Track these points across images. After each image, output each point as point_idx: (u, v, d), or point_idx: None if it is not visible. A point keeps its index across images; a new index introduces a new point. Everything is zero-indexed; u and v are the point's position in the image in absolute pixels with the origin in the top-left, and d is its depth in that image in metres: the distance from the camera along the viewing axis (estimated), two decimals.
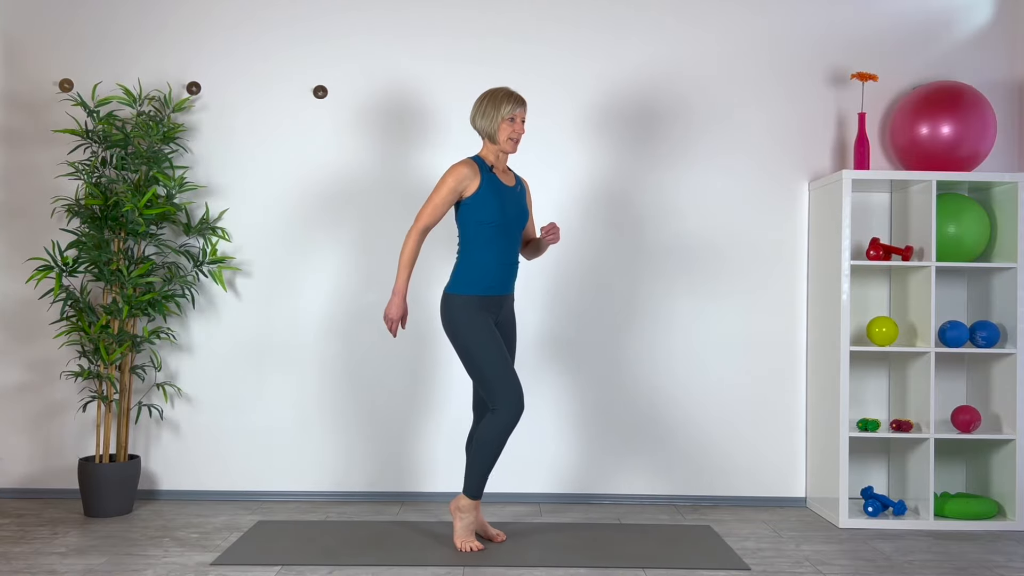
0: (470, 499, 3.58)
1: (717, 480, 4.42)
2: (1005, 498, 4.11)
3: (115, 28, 4.43)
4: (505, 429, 3.49)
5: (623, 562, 3.46)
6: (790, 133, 4.45)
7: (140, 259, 4.20)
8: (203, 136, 4.43)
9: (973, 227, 4.12)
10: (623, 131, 4.44)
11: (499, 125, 3.57)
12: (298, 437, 4.41)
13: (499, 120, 3.57)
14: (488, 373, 3.49)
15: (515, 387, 3.49)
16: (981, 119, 4.16)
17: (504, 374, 3.48)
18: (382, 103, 4.43)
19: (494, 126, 3.58)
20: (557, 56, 4.43)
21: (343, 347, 4.41)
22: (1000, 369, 4.17)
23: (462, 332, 3.52)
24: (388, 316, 3.54)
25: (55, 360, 4.40)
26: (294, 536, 3.76)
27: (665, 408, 4.42)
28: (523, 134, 3.78)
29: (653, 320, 4.42)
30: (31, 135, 4.41)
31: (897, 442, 4.34)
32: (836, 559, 3.57)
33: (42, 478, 4.40)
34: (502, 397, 3.48)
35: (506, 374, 3.49)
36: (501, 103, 3.57)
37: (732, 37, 4.45)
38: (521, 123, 3.60)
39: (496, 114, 3.57)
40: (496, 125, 3.58)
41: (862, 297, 4.43)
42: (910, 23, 4.47)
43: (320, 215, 4.42)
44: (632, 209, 4.43)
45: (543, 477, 4.42)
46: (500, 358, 3.49)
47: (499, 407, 3.48)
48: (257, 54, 4.43)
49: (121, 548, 3.60)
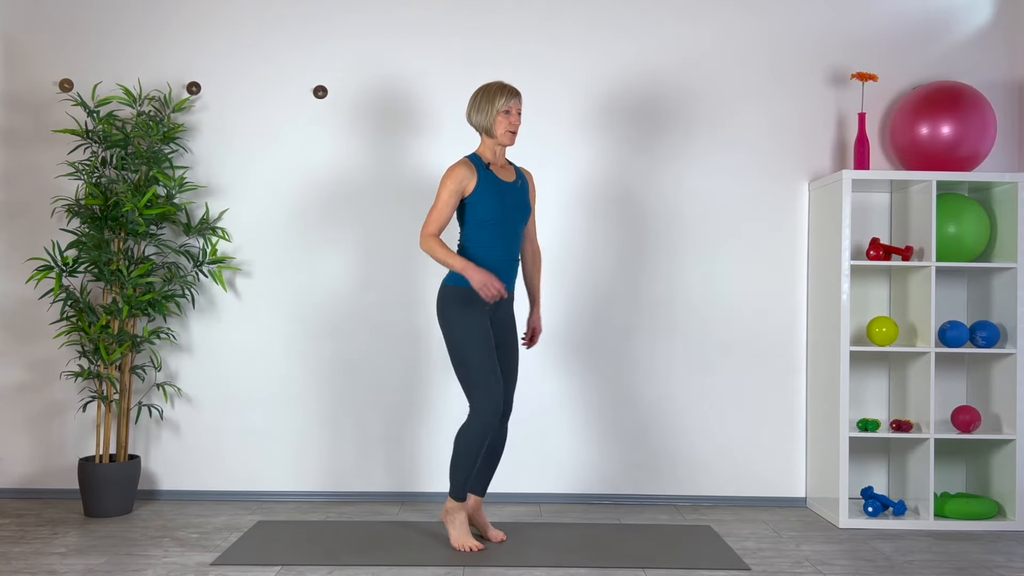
0: (454, 500, 3.58)
1: (717, 480, 4.42)
2: (1005, 498, 4.11)
3: (115, 28, 4.43)
4: (482, 433, 3.48)
5: (623, 562, 3.46)
6: (790, 133, 4.45)
7: (140, 259, 4.20)
8: (203, 136, 4.43)
9: (973, 227, 4.12)
10: (623, 131, 4.44)
11: (495, 119, 3.56)
12: (298, 437, 4.41)
13: (494, 113, 3.56)
14: (471, 372, 3.47)
15: (495, 391, 3.47)
16: (981, 119, 4.16)
17: (487, 377, 3.47)
18: (382, 103, 4.43)
19: (490, 120, 3.57)
20: (557, 57, 4.43)
21: (343, 347, 4.41)
22: (1000, 369, 4.17)
23: (454, 325, 3.50)
24: (481, 286, 3.38)
25: (55, 360, 4.40)
26: (294, 536, 3.76)
27: (665, 408, 4.42)
28: (520, 125, 3.74)
29: (653, 320, 4.42)
30: (31, 135, 4.41)
31: (897, 442, 4.34)
32: (836, 559, 3.57)
33: (42, 478, 4.40)
34: (480, 399, 3.47)
35: (488, 377, 3.47)
36: (495, 96, 3.56)
37: (732, 37, 4.45)
38: (517, 115, 3.59)
39: (491, 108, 3.56)
40: (492, 119, 3.57)
41: (862, 297, 4.43)
42: (910, 23, 4.47)
43: (320, 215, 4.42)
44: (632, 209, 4.43)
45: (543, 477, 4.42)
46: (487, 360, 3.47)
47: (475, 409, 3.48)
48: (257, 54, 4.43)
49: (121, 548, 3.60)
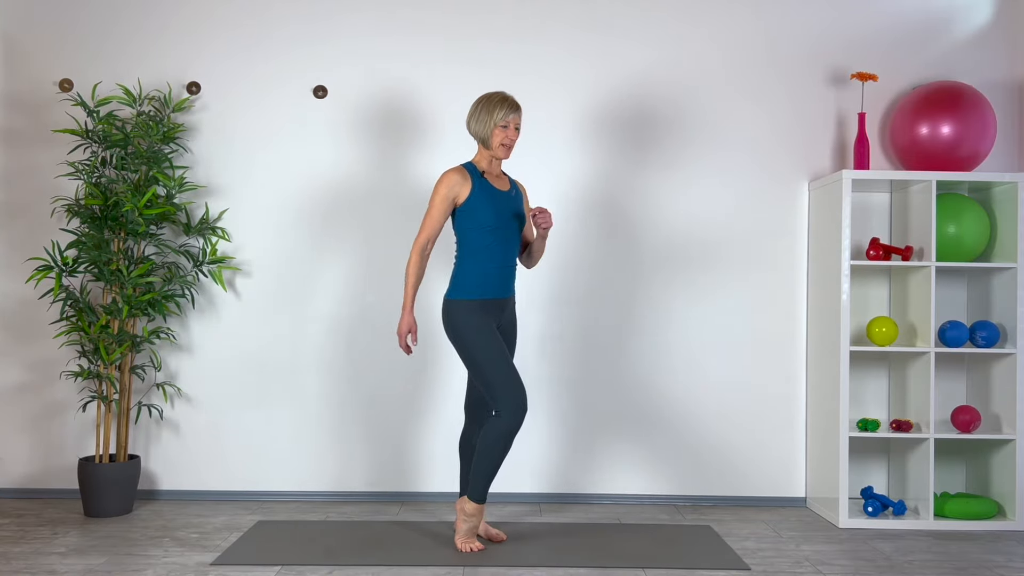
0: (475, 503, 3.56)
1: (717, 480, 4.42)
2: (1005, 498, 4.11)
3: (115, 28, 4.43)
4: (509, 432, 3.48)
5: (623, 562, 3.46)
6: (790, 133, 4.45)
7: (140, 259, 4.20)
8: (203, 136, 4.43)
9: (973, 227, 4.12)
10: (622, 132, 4.44)
11: (492, 131, 3.56)
12: (298, 437, 4.41)
13: (492, 126, 3.56)
14: (491, 377, 3.48)
15: (518, 390, 3.48)
16: (981, 119, 4.16)
17: (507, 377, 3.48)
18: (382, 104, 4.43)
19: (487, 131, 3.57)
20: (557, 57, 4.43)
21: (343, 347, 4.41)
22: (1000, 369, 4.17)
23: (464, 337, 3.52)
24: (398, 332, 3.58)
25: (55, 360, 4.40)
26: (294, 536, 3.76)
27: (665, 408, 4.42)
28: (516, 140, 3.72)
29: (653, 320, 4.42)
30: (31, 135, 4.41)
31: (897, 442, 4.34)
32: (836, 559, 3.57)
33: (42, 478, 4.40)
34: (505, 400, 3.47)
35: (509, 377, 3.48)
36: (495, 108, 3.56)
37: (732, 37, 4.45)
38: (515, 129, 3.59)
39: (489, 119, 3.56)
40: (489, 131, 3.57)
41: (862, 297, 4.43)
42: (910, 23, 4.47)
43: (320, 215, 4.42)
44: (631, 209, 4.43)
45: (543, 477, 4.42)
46: (503, 361, 3.48)
47: (502, 410, 3.47)
48: (257, 54, 4.43)
49: (121, 548, 3.60)
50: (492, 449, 3.49)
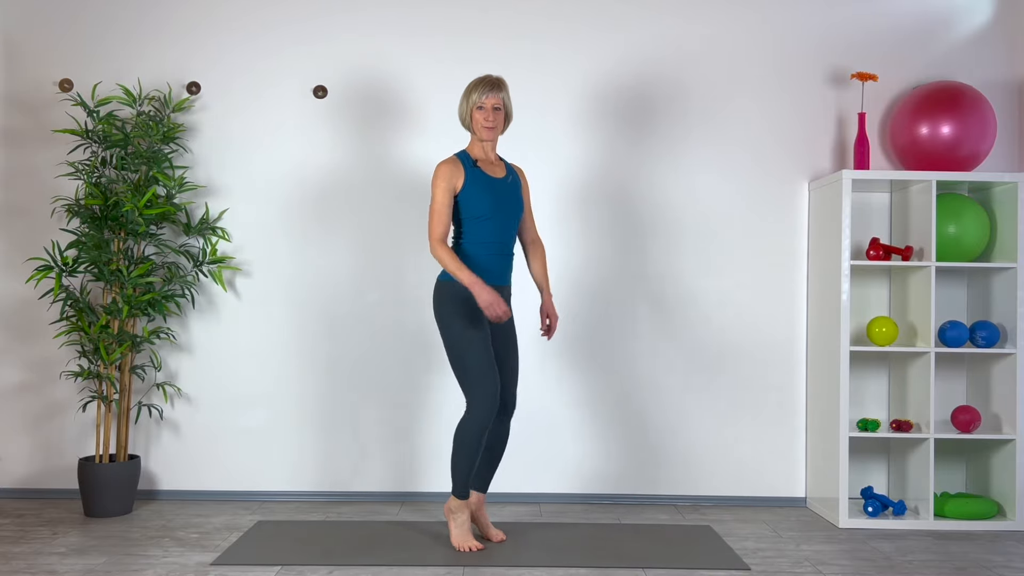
0: (457, 499, 3.58)
1: (717, 480, 4.42)
2: (1005, 498, 4.11)
3: (115, 28, 4.43)
4: (479, 428, 3.46)
5: (623, 562, 3.46)
6: (790, 133, 4.45)
7: (140, 259, 4.20)
8: (203, 136, 4.43)
9: (973, 227, 4.12)
10: (621, 130, 4.44)
11: (471, 114, 3.53)
12: (298, 437, 4.41)
13: (469, 108, 3.52)
14: (467, 368, 3.45)
15: (491, 386, 3.45)
16: (981, 119, 4.15)
17: (483, 372, 3.45)
18: (382, 103, 4.43)
19: (467, 115, 3.55)
20: (557, 57, 4.43)
21: (343, 347, 4.41)
22: (1000, 369, 4.17)
23: (450, 322, 3.49)
24: (486, 305, 3.36)
25: (55, 360, 4.40)
26: (294, 536, 3.76)
27: (665, 408, 4.42)
28: (499, 120, 3.54)
29: (653, 320, 4.42)
30: (31, 135, 4.41)
31: (897, 442, 4.34)
32: (836, 559, 3.57)
33: (42, 478, 4.40)
34: (476, 395, 3.45)
35: (485, 372, 3.45)
36: (471, 91, 3.51)
37: (732, 36, 4.45)
38: (492, 109, 3.51)
39: (467, 103, 3.53)
40: (469, 114, 3.54)
41: (862, 297, 4.43)
42: (910, 23, 4.47)
43: (320, 215, 4.42)
44: (631, 208, 4.43)
45: (543, 477, 4.42)
46: (483, 355, 3.46)
47: (472, 404, 3.47)
48: (257, 54, 4.43)
49: (121, 548, 3.60)
50: (465, 446, 3.48)
